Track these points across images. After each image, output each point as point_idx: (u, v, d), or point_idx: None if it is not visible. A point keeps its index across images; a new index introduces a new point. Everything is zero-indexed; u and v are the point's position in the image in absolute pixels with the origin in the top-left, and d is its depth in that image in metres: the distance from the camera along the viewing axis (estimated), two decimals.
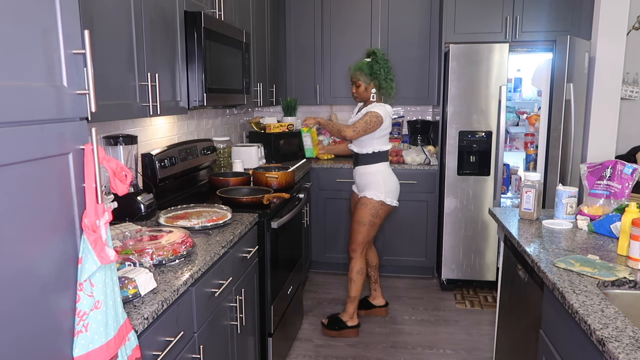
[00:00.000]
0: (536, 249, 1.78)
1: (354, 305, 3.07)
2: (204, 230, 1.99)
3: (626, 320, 1.21)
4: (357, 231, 3.00)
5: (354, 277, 3.03)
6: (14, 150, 0.83)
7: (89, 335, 0.98)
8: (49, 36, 0.92)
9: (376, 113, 2.87)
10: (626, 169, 2.03)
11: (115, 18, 1.63)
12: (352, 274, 3.04)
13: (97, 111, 1.04)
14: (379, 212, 2.96)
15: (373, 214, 2.95)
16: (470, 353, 2.87)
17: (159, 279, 1.46)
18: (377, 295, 3.36)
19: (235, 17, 2.90)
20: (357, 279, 3.04)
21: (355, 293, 3.05)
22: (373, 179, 2.94)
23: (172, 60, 2.08)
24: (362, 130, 2.87)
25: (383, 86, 2.93)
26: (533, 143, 3.83)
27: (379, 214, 2.96)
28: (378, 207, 2.94)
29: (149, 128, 2.51)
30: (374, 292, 3.36)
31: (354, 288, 3.05)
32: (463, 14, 3.69)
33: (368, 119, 2.86)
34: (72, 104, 0.97)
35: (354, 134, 2.88)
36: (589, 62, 3.47)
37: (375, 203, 2.94)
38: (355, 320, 3.09)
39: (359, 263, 3.03)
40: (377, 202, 2.93)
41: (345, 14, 4.07)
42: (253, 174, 2.86)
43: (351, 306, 3.07)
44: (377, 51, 2.97)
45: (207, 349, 1.69)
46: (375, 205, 2.94)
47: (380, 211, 2.96)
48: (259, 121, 4.08)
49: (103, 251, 0.99)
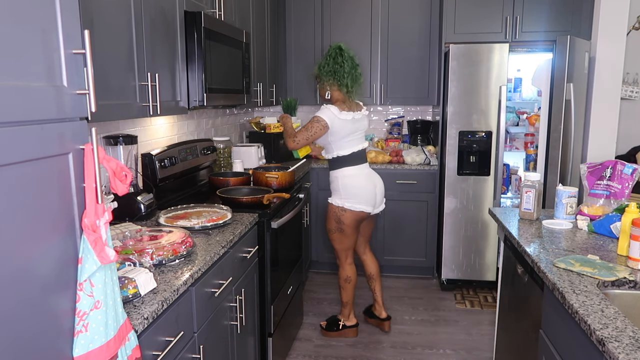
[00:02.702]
0: (536, 249, 1.78)
1: (347, 308, 3.07)
2: (204, 230, 1.99)
3: (626, 320, 1.21)
4: (330, 239, 2.96)
5: (342, 285, 3.04)
6: (14, 150, 0.83)
7: (89, 335, 0.98)
8: (49, 36, 0.92)
9: (318, 118, 2.71)
10: (626, 169, 2.03)
11: (115, 18, 1.63)
12: (340, 281, 3.04)
13: (97, 111, 1.04)
14: (341, 218, 2.81)
15: (336, 220, 2.84)
16: (470, 353, 2.87)
17: (159, 279, 1.46)
18: (378, 307, 3.16)
19: (235, 17, 2.90)
20: (345, 286, 3.03)
21: (345, 299, 3.06)
22: (333, 185, 2.86)
23: (172, 60, 2.08)
24: (302, 139, 2.74)
25: (338, 83, 2.77)
26: (533, 143, 3.83)
27: (342, 220, 2.81)
28: (339, 213, 2.81)
29: (149, 128, 2.51)
30: (375, 304, 3.18)
31: (344, 295, 3.05)
32: (463, 14, 3.69)
33: (309, 126, 2.73)
34: (72, 104, 0.97)
35: (294, 144, 2.77)
36: (589, 62, 3.47)
37: (335, 208, 2.83)
38: (353, 320, 3.09)
39: (345, 271, 2.99)
40: (337, 207, 2.82)
41: (345, 14, 4.07)
42: (253, 174, 2.86)
43: (345, 309, 3.07)
44: (330, 48, 2.88)
45: (207, 349, 1.69)
46: (336, 211, 2.83)
47: (342, 217, 2.81)
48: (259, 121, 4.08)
49: (103, 251, 0.99)
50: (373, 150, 3.99)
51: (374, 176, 2.92)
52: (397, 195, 3.85)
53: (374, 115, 4.51)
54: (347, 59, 2.81)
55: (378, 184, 2.91)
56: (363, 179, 2.84)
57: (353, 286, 3.04)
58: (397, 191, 3.85)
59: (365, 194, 2.82)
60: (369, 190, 2.84)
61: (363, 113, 2.88)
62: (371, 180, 2.87)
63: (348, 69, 2.79)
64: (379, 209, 2.96)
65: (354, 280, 3.02)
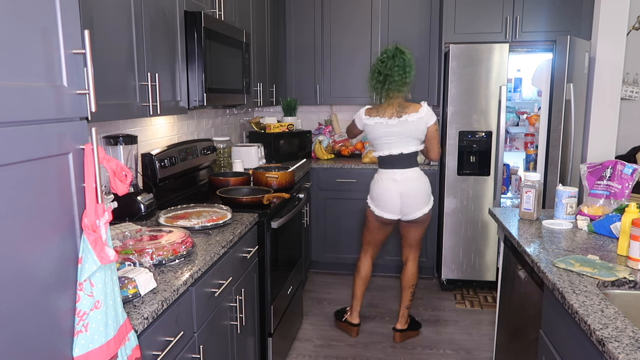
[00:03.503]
0: (536, 249, 1.78)
1: (352, 301, 3.12)
2: (204, 230, 1.99)
3: (626, 321, 1.21)
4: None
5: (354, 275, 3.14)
6: (14, 150, 0.83)
7: (89, 335, 0.98)
8: (49, 36, 0.92)
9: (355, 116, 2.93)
10: (626, 169, 2.03)
11: (115, 18, 1.63)
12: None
13: (97, 111, 1.04)
14: (366, 213, 2.99)
15: (365, 215, 3.02)
16: (470, 353, 2.87)
17: (159, 278, 1.46)
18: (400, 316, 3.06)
19: (235, 17, 2.90)
20: (354, 277, 3.11)
21: (352, 290, 3.12)
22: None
23: (172, 60, 2.08)
24: (346, 129, 3.08)
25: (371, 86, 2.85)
26: (533, 143, 3.83)
27: (367, 215, 2.98)
28: (366, 209, 2.98)
29: (149, 128, 2.51)
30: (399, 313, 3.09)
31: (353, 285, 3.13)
32: (463, 14, 3.68)
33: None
34: (72, 103, 0.97)
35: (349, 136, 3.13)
36: (589, 62, 3.47)
37: (365, 205, 3.00)
38: (356, 319, 3.09)
39: (358, 261, 3.10)
40: (366, 204, 2.98)
41: (345, 14, 4.07)
42: (253, 174, 2.86)
43: (352, 302, 3.12)
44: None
45: (207, 349, 1.69)
46: (365, 207, 3.00)
47: (367, 213, 2.97)
48: (259, 121, 4.08)
49: (103, 251, 0.99)
50: (373, 150, 3.98)
51: (404, 184, 2.78)
52: None
53: None
54: (381, 62, 2.79)
55: (409, 191, 2.78)
56: (383, 185, 2.82)
57: (361, 280, 3.07)
58: None
59: (384, 201, 2.83)
60: (388, 198, 2.81)
61: (404, 119, 2.72)
62: (394, 189, 2.79)
63: (377, 74, 2.78)
64: (408, 217, 2.85)
65: (362, 274, 3.07)
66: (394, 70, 2.73)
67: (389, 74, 2.74)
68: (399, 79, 2.73)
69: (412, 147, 2.78)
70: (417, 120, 2.72)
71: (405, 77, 2.74)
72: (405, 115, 2.73)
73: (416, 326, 3.10)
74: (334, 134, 4.44)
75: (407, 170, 2.80)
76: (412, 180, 2.80)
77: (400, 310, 3.05)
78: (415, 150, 2.80)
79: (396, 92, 2.76)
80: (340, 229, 3.99)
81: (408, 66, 2.76)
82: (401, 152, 2.77)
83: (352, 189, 3.90)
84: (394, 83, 2.73)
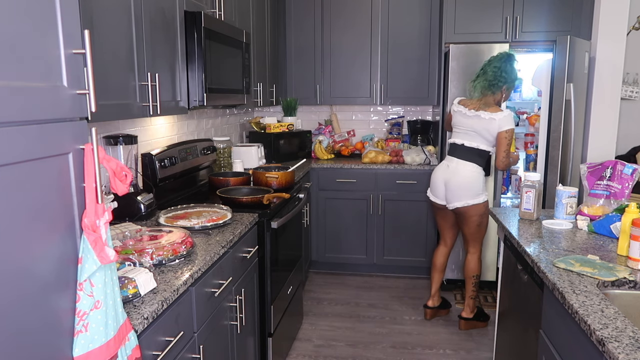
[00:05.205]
0: (536, 249, 1.78)
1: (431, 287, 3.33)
2: (204, 230, 1.99)
3: (626, 321, 1.21)
4: None
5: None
6: (14, 150, 0.83)
7: (89, 335, 0.98)
8: (49, 36, 0.92)
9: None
10: (626, 169, 2.03)
11: (115, 18, 1.63)
12: None
13: (97, 111, 1.04)
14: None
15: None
16: (470, 353, 2.87)
17: (159, 278, 1.46)
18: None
19: (235, 17, 2.90)
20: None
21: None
22: None
23: (172, 60, 2.08)
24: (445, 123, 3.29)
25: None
26: (533, 143, 3.83)
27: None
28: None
29: (149, 128, 2.51)
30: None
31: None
32: (463, 14, 3.69)
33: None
34: (72, 103, 0.97)
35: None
36: (589, 62, 3.47)
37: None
38: (431, 302, 3.28)
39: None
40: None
41: (345, 14, 4.07)
42: (253, 174, 2.86)
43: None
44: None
45: (207, 349, 1.69)
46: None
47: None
48: (259, 121, 4.08)
49: (103, 251, 0.99)
50: (373, 150, 3.99)
51: (452, 173, 2.95)
52: (397, 195, 3.85)
53: (373, 115, 4.52)
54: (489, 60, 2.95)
55: (452, 179, 2.93)
56: (437, 169, 3.08)
57: (434, 269, 3.25)
58: (397, 191, 3.85)
59: (432, 183, 3.09)
60: (435, 181, 3.06)
61: (479, 114, 2.87)
62: (442, 175, 3.01)
63: (480, 68, 2.98)
64: (452, 204, 2.96)
65: (434, 263, 3.25)
66: (491, 70, 2.89)
67: (486, 71, 2.91)
68: (492, 79, 2.88)
69: (476, 142, 2.91)
70: (489, 120, 2.85)
71: (496, 80, 2.88)
72: (482, 111, 2.88)
73: (484, 317, 3.17)
74: (334, 134, 4.44)
75: (461, 162, 2.95)
76: (460, 172, 2.93)
77: (465, 299, 3.19)
78: (477, 146, 2.91)
79: (485, 90, 2.91)
80: (340, 229, 3.99)
81: (505, 72, 2.88)
82: (463, 143, 2.94)
83: (352, 189, 3.90)
84: (485, 81, 2.90)
